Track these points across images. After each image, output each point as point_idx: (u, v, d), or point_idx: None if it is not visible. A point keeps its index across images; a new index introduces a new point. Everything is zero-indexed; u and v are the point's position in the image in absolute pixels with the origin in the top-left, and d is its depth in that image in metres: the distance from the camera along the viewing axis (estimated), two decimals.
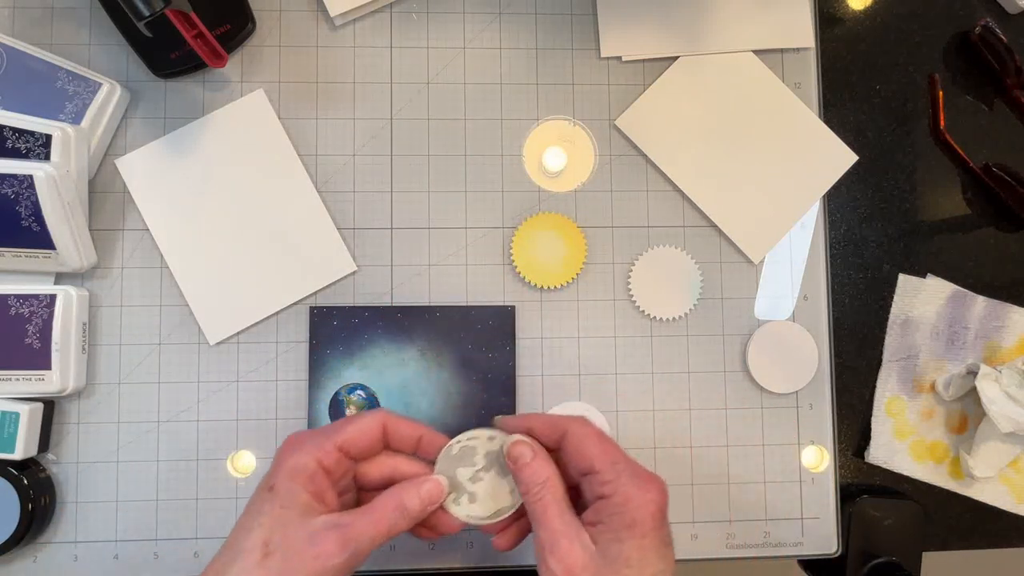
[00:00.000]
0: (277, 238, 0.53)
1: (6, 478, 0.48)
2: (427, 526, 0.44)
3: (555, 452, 0.43)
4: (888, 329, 0.57)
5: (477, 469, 0.44)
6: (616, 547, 0.38)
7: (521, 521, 0.44)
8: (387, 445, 0.44)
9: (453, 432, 0.45)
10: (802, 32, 0.57)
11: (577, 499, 0.43)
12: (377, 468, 0.44)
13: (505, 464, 0.43)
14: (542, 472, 0.41)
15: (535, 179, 0.55)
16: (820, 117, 0.57)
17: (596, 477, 0.40)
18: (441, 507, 0.43)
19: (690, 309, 0.54)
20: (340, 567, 0.38)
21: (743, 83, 0.56)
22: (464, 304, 0.53)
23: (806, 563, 0.58)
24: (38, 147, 0.47)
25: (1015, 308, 0.58)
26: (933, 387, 0.57)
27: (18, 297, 0.49)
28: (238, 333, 0.52)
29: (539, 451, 0.42)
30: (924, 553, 0.55)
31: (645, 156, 0.55)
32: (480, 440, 0.44)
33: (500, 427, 0.45)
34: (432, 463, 0.44)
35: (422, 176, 0.54)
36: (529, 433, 0.43)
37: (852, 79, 0.59)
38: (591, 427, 0.42)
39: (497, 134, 0.55)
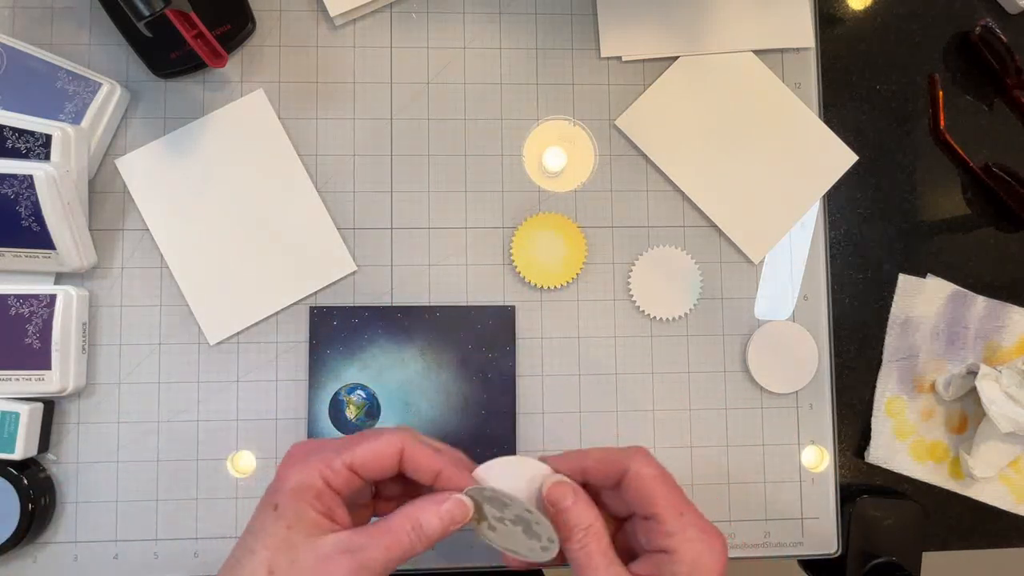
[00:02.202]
0: (277, 238, 0.53)
1: (6, 478, 0.48)
2: None
3: (611, 490, 0.40)
4: (888, 329, 0.57)
5: (504, 519, 0.39)
6: None
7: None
8: (402, 471, 0.40)
9: (478, 460, 0.41)
10: (802, 32, 0.57)
11: (615, 534, 0.40)
12: (397, 483, 0.41)
13: (533, 528, 0.38)
14: (585, 517, 0.37)
15: (535, 179, 0.55)
16: (820, 117, 0.57)
17: (659, 527, 0.37)
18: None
19: (690, 309, 0.54)
20: None
21: (743, 83, 0.56)
22: (464, 304, 0.53)
23: (806, 563, 0.58)
24: (38, 147, 0.47)
25: (1015, 308, 0.58)
26: (933, 387, 0.57)
27: (18, 297, 0.49)
28: (238, 333, 0.52)
29: (580, 494, 0.38)
30: (924, 553, 0.55)
31: (645, 156, 0.55)
32: (516, 498, 0.38)
33: (551, 466, 0.40)
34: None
35: (422, 176, 0.54)
36: (584, 474, 0.39)
37: (852, 79, 0.59)
38: (654, 465, 0.38)
39: (497, 134, 0.55)
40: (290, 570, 0.35)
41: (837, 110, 0.58)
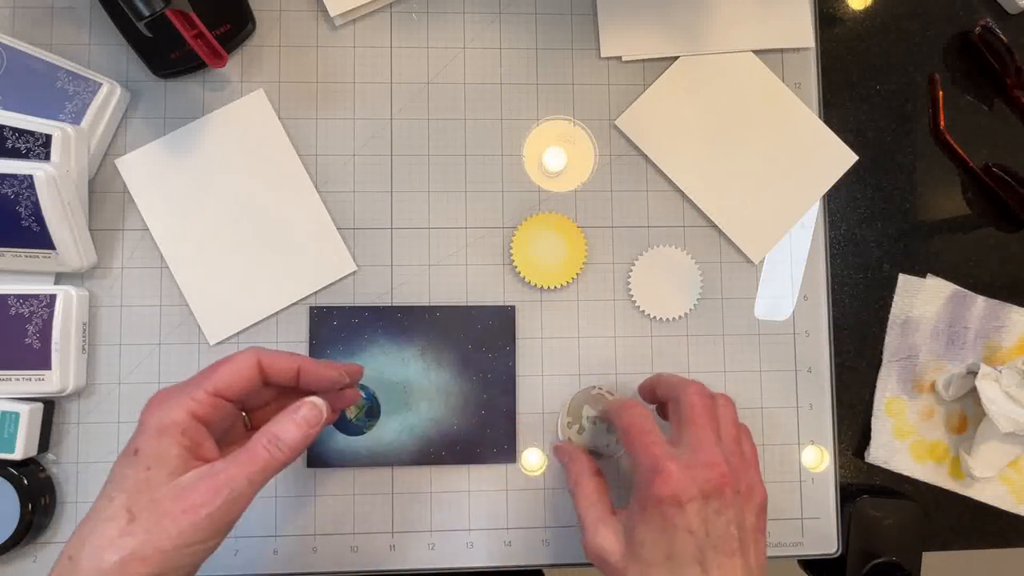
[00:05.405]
0: (277, 238, 0.53)
1: (6, 478, 0.48)
2: (332, 408, 0.43)
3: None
4: (888, 329, 0.57)
5: (595, 416, 0.50)
6: (632, 531, 0.41)
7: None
8: (266, 382, 0.41)
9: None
10: (802, 32, 0.57)
11: None
12: (271, 410, 0.43)
13: (610, 425, 0.50)
14: (575, 469, 0.47)
15: (535, 179, 0.55)
16: (820, 117, 0.57)
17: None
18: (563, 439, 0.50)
19: (690, 309, 0.54)
20: (216, 516, 0.36)
21: (743, 83, 0.56)
22: (464, 304, 0.53)
23: (806, 563, 0.58)
24: (38, 147, 0.47)
25: (1015, 308, 0.58)
26: (933, 387, 0.57)
27: (18, 297, 0.49)
28: (238, 333, 0.52)
29: (577, 456, 0.48)
30: (924, 553, 0.55)
31: (645, 156, 0.55)
32: (610, 398, 0.50)
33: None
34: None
35: (422, 176, 0.54)
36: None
37: (852, 79, 0.59)
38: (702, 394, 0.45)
39: (497, 134, 0.55)
40: (150, 507, 0.35)
41: (837, 110, 0.58)
